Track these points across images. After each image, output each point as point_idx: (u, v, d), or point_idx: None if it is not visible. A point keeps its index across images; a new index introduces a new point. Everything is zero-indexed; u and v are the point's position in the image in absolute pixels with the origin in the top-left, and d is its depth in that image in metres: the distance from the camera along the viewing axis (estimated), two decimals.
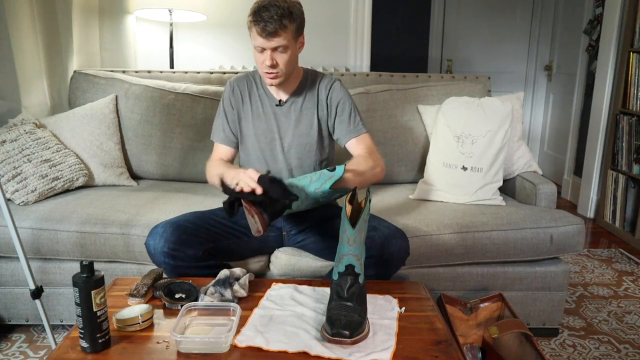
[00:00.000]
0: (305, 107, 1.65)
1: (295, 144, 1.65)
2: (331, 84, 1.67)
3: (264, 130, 1.66)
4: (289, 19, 1.46)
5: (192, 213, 1.62)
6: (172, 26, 2.86)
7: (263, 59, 1.50)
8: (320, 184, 1.40)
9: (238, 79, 1.72)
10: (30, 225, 1.71)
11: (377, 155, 1.62)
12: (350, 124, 1.64)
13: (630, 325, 2.02)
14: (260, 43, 1.48)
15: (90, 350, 1.06)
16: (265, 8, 1.44)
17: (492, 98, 2.08)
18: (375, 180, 1.58)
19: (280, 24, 1.44)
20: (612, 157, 3.16)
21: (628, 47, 3.00)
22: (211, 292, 1.26)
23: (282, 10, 1.44)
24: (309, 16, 1.59)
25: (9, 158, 1.87)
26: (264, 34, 1.45)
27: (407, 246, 1.48)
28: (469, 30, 4.71)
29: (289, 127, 1.65)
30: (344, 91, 1.68)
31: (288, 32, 1.47)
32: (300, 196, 1.39)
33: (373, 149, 1.64)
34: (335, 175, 1.40)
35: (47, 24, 2.36)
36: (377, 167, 1.58)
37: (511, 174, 2.14)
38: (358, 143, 1.64)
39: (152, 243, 1.46)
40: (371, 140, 1.66)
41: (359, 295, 1.17)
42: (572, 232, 1.78)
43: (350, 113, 1.65)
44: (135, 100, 2.22)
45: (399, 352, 1.07)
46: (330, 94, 1.66)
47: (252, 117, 1.67)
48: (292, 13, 1.47)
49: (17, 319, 1.84)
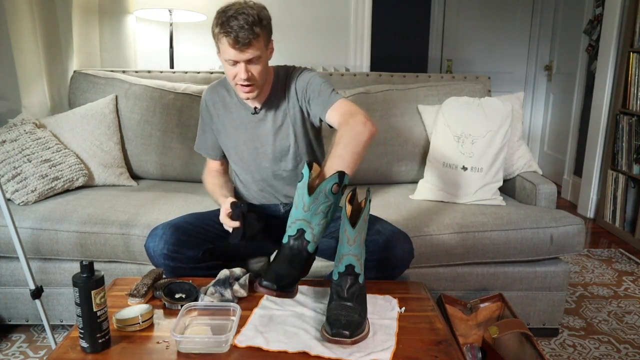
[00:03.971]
0: (282, 110, 1.57)
1: (279, 150, 1.59)
2: (298, 74, 1.56)
3: (245, 140, 1.61)
4: (260, 26, 1.37)
5: (191, 215, 1.61)
6: (172, 26, 2.86)
7: (236, 72, 1.42)
8: (301, 199, 1.20)
9: (211, 90, 1.65)
10: (30, 225, 1.71)
11: (354, 114, 1.39)
12: (323, 98, 1.49)
13: (630, 325, 2.02)
14: (232, 55, 1.38)
15: (90, 350, 1.06)
16: (234, 17, 1.34)
17: (492, 98, 2.08)
18: (366, 137, 1.34)
19: (252, 33, 1.35)
20: (612, 157, 3.16)
21: (628, 47, 3.00)
22: (211, 292, 1.26)
23: (252, 18, 1.35)
24: (309, 16, 1.56)
25: (9, 158, 1.87)
26: (237, 45, 1.35)
27: (411, 249, 1.47)
28: (469, 30, 4.71)
29: (269, 134, 1.58)
30: (310, 74, 1.55)
31: (260, 40, 1.39)
32: (303, 226, 1.23)
33: (349, 110, 1.42)
34: (304, 178, 1.22)
35: (47, 24, 2.36)
36: (357, 124, 1.34)
37: (511, 174, 2.14)
38: (334, 113, 1.46)
39: (151, 245, 1.45)
40: (347, 104, 1.46)
41: (359, 295, 1.17)
42: (572, 232, 1.78)
43: (319, 89, 1.51)
44: (135, 100, 2.22)
45: (399, 352, 1.07)
46: (297, 84, 1.55)
47: (233, 128, 1.62)
48: (261, 20, 1.38)
49: (17, 319, 1.84)
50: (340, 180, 1.21)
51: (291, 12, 3.08)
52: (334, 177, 1.20)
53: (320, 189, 1.20)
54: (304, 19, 3.10)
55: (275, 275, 1.16)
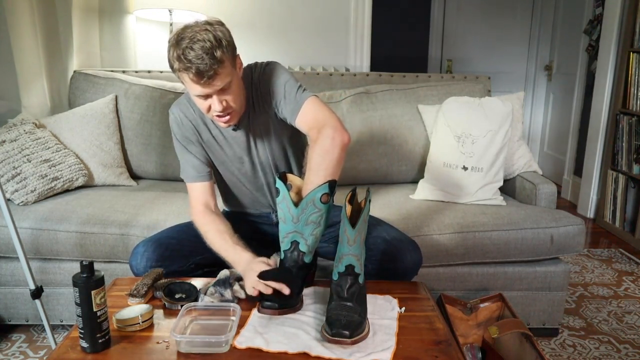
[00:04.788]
0: (259, 119, 1.44)
1: (272, 158, 1.51)
2: (262, 72, 1.40)
3: (232, 156, 1.50)
4: (220, 49, 1.20)
5: (176, 227, 1.54)
6: (172, 26, 2.86)
7: (209, 104, 1.28)
8: (288, 213, 1.19)
9: (179, 107, 1.47)
10: (30, 225, 1.71)
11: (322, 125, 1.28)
12: (288, 103, 1.36)
13: (630, 325, 2.02)
14: (200, 91, 1.24)
15: (90, 350, 1.06)
16: (189, 48, 1.18)
17: (492, 98, 2.08)
18: (338, 149, 1.25)
19: (215, 61, 1.19)
20: (612, 157, 3.16)
21: (628, 47, 3.00)
22: (211, 292, 1.26)
23: (209, 44, 1.18)
24: (309, 16, 1.55)
25: (9, 158, 1.87)
26: (202, 80, 1.20)
27: (420, 258, 1.44)
28: (469, 30, 4.71)
29: (254, 144, 1.48)
30: (274, 71, 1.40)
31: (226, 65, 1.22)
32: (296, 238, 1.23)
33: (316, 119, 1.31)
34: (282, 193, 1.19)
35: (47, 24, 2.36)
36: (326, 138, 1.25)
37: (511, 174, 2.14)
38: (302, 122, 1.34)
39: (134, 263, 1.43)
40: (314, 107, 1.33)
41: (358, 295, 1.17)
42: (572, 232, 1.78)
43: (284, 90, 1.36)
44: (135, 100, 2.22)
45: (399, 352, 1.07)
46: (264, 84, 1.39)
47: (216, 144, 1.49)
48: (220, 41, 1.21)
49: (17, 319, 1.84)
50: (331, 190, 1.21)
51: (291, 12, 3.08)
52: (325, 186, 1.20)
53: (308, 199, 1.20)
54: (304, 19, 3.10)
55: (276, 294, 1.19)
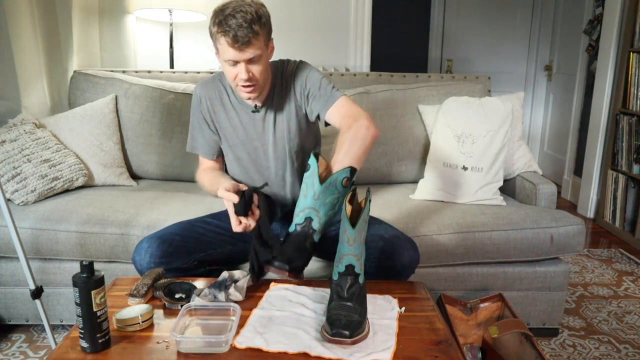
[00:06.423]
0: (283, 107, 1.54)
1: (281, 148, 1.57)
2: (295, 67, 1.54)
3: (244, 140, 1.57)
4: (259, 24, 1.33)
5: (179, 224, 1.55)
6: (172, 26, 2.86)
7: (236, 72, 1.38)
8: (311, 189, 1.27)
9: (205, 86, 1.59)
10: (30, 225, 1.71)
11: (356, 116, 1.41)
12: (322, 96, 1.48)
13: (630, 325, 2.02)
14: (232, 55, 1.34)
15: (90, 350, 1.06)
16: (231, 16, 1.30)
17: (492, 98, 2.08)
18: (369, 139, 1.39)
19: (251, 32, 1.31)
20: (612, 157, 3.16)
21: (628, 47, 3.00)
22: (204, 294, 1.25)
23: (250, 16, 1.31)
24: (309, 16, 1.56)
25: (9, 158, 1.87)
26: (236, 44, 1.31)
27: (417, 256, 1.45)
28: (469, 30, 4.71)
29: (270, 132, 1.55)
30: (307, 68, 1.54)
31: (260, 39, 1.35)
32: (311, 214, 1.29)
33: (350, 111, 1.45)
34: (312, 169, 1.28)
35: (47, 24, 2.36)
36: (360, 128, 1.37)
37: (511, 174, 2.14)
38: (334, 114, 1.46)
39: (137, 259, 1.44)
40: (348, 102, 1.48)
41: (359, 295, 1.17)
42: (572, 232, 1.78)
43: (319, 86, 1.49)
44: (135, 100, 2.22)
45: (399, 352, 1.07)
46: (296, 79, 1.52)
47: (230, 127, 1.57)
48: (260, 17, 1.34)
49: (17, 319, 1.84)
50: (352, 175, 1.30)
51: (291, 12, 3.08)
52: (347, 170, 1.28)
53: (332, 179, 1.28)
54: (304, 19, 3.10)
55: (287, 258, 1.25)
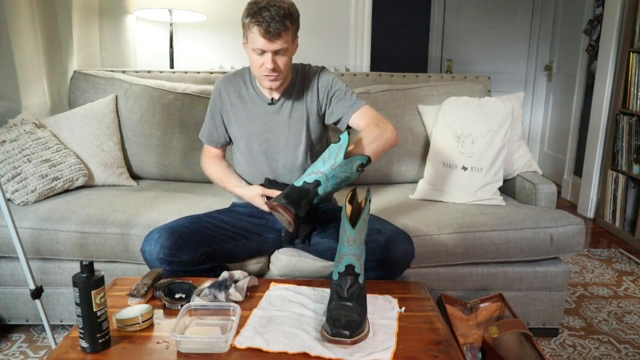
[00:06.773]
0: (299, 103, 1.62)
1: (292, 142, 1.62)
2: (318, 72, 1.63)
3: (257, 131, 1.63)
4: (290, 20, 1.43)
5: (187, 217, 1.60)
6: (172, 26, 2.86)
7: (263, 61, 1.46)
8: (333, 159, 1.36)
9: (226, 80, 1.68)
10: (30, 225, 1.71)
11: (383, 122, 1.55)
12: (348, 100, 1.59)
13: (630, 325, 2.02)
14: (261, 45, 1.43)
15: (90, 350, 1.06)
16: (266, 8, 1.39)
17: (492, 98, 2.08)
18: (390, 144, 1.53)
19: (282, 25, 1.41)
20: (612, 157, 3.16)
21: (628, 47, 3.00)
22: (204, 294, 1.25)
23: (283, 11, 1.41)
24: (309, 16, 1.58)
25: (9, 158, 1.87)
26: (267, 35, 1.40)
27: (412, 249, 1.47)
28: (469, 30, 4.71)
29: (283, 126, 1.62)
30: (331, 74, 1.65)
31: (289, 33, 1.45)
32: (321, 179, 1.37)
33: (378, 117, 1.57)
34: (342, 142, 1.37)
35: (47, 24, 2.36)
36: (386, 131, 1.52)
37: (511, 174, 2.14)
38: (360, 117, 1.57)
39: (147, 249, 1.46)
40: (373, 111, 1.59)
41: (359, 295, 1.17)
42: (572, 232, 1.78)
43: (345, 91, 1.61)
44: (135, 100, 2.22)
45: (399, 352, 1.07)
46: (319, 81, 1.62)
47: (245, 118, 1.64)
48: (292, 14, 1.44)
49: (17, 319, 1.84)
50: (367, 163, 1.40)
51: None
52: (366, 157, 1.39)
53: (353, 158, 1.38)
54: (304, 19, 3.04)
55: (285, 194, 1.36)
